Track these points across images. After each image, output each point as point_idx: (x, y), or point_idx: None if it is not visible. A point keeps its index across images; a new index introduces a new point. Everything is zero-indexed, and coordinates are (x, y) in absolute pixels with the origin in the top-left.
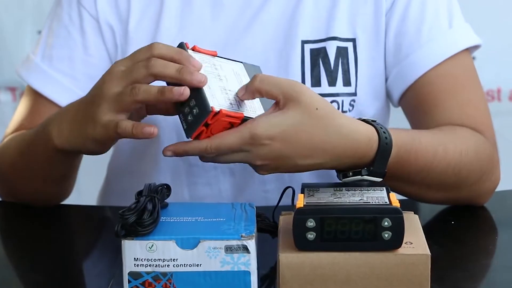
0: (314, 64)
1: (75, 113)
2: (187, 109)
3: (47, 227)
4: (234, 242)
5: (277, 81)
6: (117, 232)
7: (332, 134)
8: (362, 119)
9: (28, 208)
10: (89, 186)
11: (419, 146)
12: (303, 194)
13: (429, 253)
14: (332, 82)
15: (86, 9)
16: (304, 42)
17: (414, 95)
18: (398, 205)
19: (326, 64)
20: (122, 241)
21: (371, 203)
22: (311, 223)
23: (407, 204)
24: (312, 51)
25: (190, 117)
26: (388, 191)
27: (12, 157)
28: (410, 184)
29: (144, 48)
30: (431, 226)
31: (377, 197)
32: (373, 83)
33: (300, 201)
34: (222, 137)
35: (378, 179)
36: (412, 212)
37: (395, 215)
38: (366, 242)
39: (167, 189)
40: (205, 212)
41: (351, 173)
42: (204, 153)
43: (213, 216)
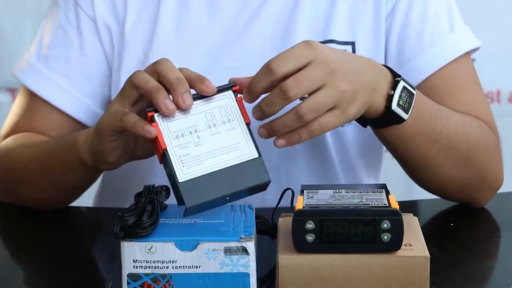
0: None
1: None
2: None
3: (45, 229)
4: (233, 244)
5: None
6: (116, 234)
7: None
8: None
9: (26, 209)
10: None
11: (444, 108)
12: (303, 196)
13: (429, 255)
14: None
15: (83, 10)
16: None
17: None
18: (398, 207)
19: None
20: (121, 243)
21: (371, 205)
22: (310, 225)
23: (406, 206)
24: None
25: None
26: (387, 193)
27: (26, 163)
28: (432, 145)
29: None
30: (431, 228)
31: (377, 199)
32: None
33: (300, 203)
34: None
35: (406, 114)
36: (412, 214)
37: (395, 217)
38: (366, 244)
39: (166, 191)
40: (204, 214)
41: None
42: (299, 118)
43: (212, 218)
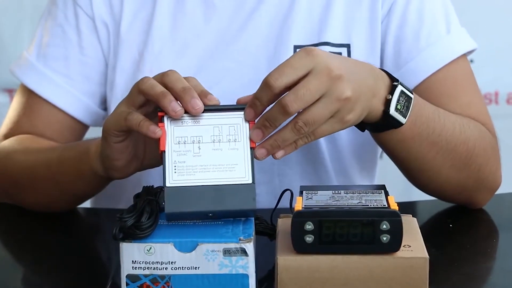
0: None
1: None
2: None
3: (44, 229)
4: (232, 245)
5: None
6: (115, 235)
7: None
8: None
9: (25, 210)
10: None
11: (441, 110)
12: (302, 197)
13: (427, 256)
14: None
15: (82, 8)
16: (297, 47)
17: None
18: (397, 208)
19: None
20: (120, 244)
21: (370, 206)
22: (310, 226)
23: (405, 207)
24: None
25: None
26: (387, 194)
27: (32, 168)
28: (430, 147)
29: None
30: (430, 229)
31: (376, 200)
32: None
33: (299, 204)
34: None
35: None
36: (411, 215)
37: (394, 218)
38: (365, 245)
39: None
40: None
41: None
42: (297, 131)
43: (212, 219)
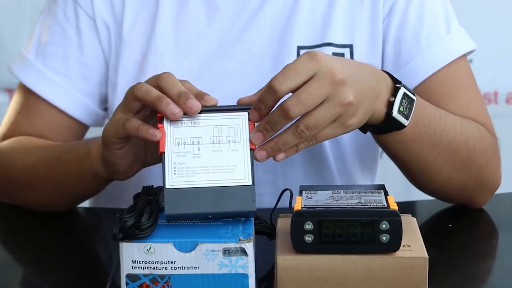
0: None
1: None
2: None
3: (43, 229)
4: (232, 245)
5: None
6: (115, 235)
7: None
8: None
9: (24, 210)
10: None
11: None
12: (301, 197)
13: (427, 256)
14: None
15: (83, 8)
16: (300, 48)
17: None
18: (396, 208)
19: None
20: (120, 244)
21: (369, 206)
22: (309, 226)
23: (405, 207)
24: None
25: None
26: (386, 194)
27: (32, 168)
28: (432, 149)
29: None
30: (429, 229)
31: (375, 200)
32: None
33: (298, 204)
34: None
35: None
36: (410, 215)
37: (393, 218)
38: (364, 245)
39: None
40: None
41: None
42: (298, 135)
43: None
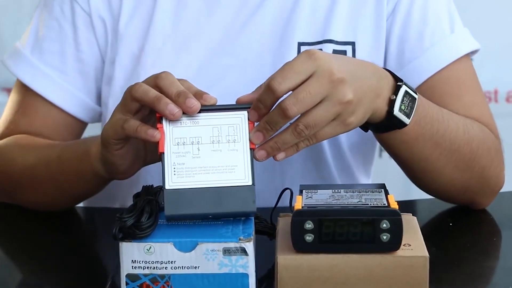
0: None
1: None
2: None
3: (42, 229)
4: (232, 245)
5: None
6: (115, 235)
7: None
8: None
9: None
10: None
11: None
12: (301, 196)
13: (428, 255)
14: None
15: (79, 4)
16: (301, 44)
17: None
18: (397, 207)
19: None
20: (120, 243)
21: (370, 205)
22: (309, 225)
23: (405, 206)
24: None
25: None
26: (387, 193)
27: (31, 167)
28: (434, 148)
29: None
30: (430, 228)
31: (376, 199)
32: None
33: (299, 203)
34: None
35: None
36: (411, 214)
37: (394, 217)
38: (365, 244)
39: None
40: None
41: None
42: (297, 134)
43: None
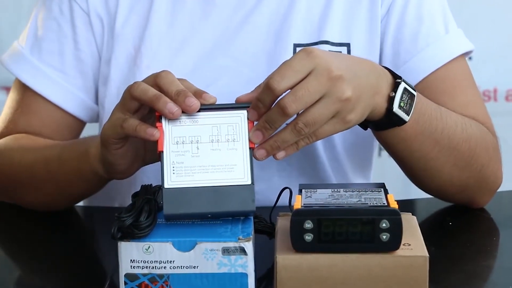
0: None
1: None
2: None
3: (42, 228)
4: (231, 244)
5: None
6: (114, 234)
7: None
8: None
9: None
10: None
11: (443, 108)
12: (301, 195)
13: (427, 255)
14: None
15: (77, 3)
16: (296, 45)
17: None
18: (396, 207)
19: None
20: (118, 243)
21: (369, 205)
22: (309, 225)
23: (404, 205)
24: None
25: None
26: (386, 193)
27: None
28: (433, 146)
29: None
30: (429, 227)
31: (375, 199)
32: None
33: (298, 202)
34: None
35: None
36: (410, 213)
37: (393, 217)
38: (364, 244)
39: None
40: None
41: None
42: (297, 132)
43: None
